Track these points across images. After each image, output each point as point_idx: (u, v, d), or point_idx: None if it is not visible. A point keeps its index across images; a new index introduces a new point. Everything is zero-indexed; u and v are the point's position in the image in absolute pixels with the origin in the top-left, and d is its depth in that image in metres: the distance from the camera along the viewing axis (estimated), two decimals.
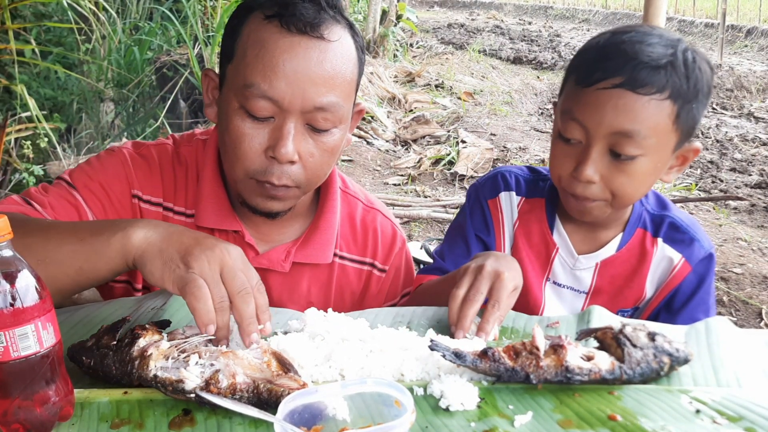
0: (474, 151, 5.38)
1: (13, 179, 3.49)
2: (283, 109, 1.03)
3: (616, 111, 1.06)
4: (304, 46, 1.02)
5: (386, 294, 1.34)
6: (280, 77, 1.01)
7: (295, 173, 1.07)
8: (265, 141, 1.05)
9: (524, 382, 0.83)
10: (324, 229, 1.24)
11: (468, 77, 8.80)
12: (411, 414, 0.71)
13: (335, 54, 1.04)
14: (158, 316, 0.99)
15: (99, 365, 0.83)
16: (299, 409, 0.74)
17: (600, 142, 1.09)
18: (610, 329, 0.88)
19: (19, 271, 0.72)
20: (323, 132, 1.07)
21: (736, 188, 4.93)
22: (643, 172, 1.11)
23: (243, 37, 1.05)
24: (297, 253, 1.22)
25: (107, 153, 1.19)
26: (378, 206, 1.35)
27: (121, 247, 0.88)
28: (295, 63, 1.01)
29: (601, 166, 1.11)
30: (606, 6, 17.63)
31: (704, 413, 0.78)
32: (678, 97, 1.07)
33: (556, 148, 1.17)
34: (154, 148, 1.21)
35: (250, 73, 1.02)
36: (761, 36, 11.80)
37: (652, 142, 1.08)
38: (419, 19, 13.00)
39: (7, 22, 3.17)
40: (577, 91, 1.12)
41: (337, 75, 1.04)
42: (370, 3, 9.02)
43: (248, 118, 1.04)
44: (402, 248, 1.34)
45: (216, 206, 1.18)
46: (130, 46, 4.79)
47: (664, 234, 1.26)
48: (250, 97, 1.02)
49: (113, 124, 4.56)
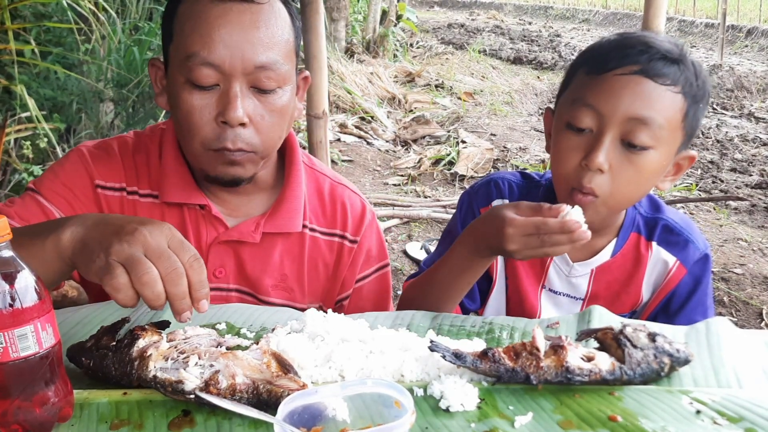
0: (474, 151, 5.37)
1: (12, 179, 3.49)
2: (225, 74, 1.07)
3: (633, 96, 1.05)
4: (236, 11, 1.07)
5: (360, 265, 1.34)
6: (218, 42, 1.06)
7: (248, 137, 1.10)
8: (214, 109, 1.09)
9: (524, 383, 0.83)
10: (290, 198, 1.26)
11: (468, 77, 8.79)
12: (411, 415, 0.71)
13: (267, 15, 1.10)
14: (158, 316, 0.99)
15: (98, 366, 0.83)
16: (299, 409, 0.74)
17: (614, 128, 1.06)
18: (610, 330, 0.88)
19: (18, 271, 0.72)
20: (269, 93, 1.11)
21: (736, 188, 4.93)
22: (649, 169, 1.09)
23: (179, 15, 1.11)
24: (266, 224, 1.25)
25: (66, 155, 1.25)
26: (345, 182, 1.38)
27: (54, 249, 0.87)
28: (229, 27, 1.07)
29: (613, 155, 1.07)
30: (606, 6, 17.63)
31: (705, 414, 0.78)
32: (689, 94, 1.08)
33: (563, 142, 1.13)
34: (114, 140, 1.27)
35: (190, 45, 1.07)
36: (761, 36, 11.79)
37: (665, 135, 1.07)
38: (419, 19, 13.00)
39: (7, 23, 3.17)
40: (590, 79, 1.11)
41: (272, 35, 1.10)
42: (370, 3, 9.02)
43: (195, 90, 1.08)
44: (372, 221, 1.36)
45: (180, 182, 1.21)
46: (130, 47, 4.79)
47: (658, 237, 1.25)
48: (193, 67, 1.07)
49: (113, 124, 4.56)
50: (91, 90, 4.38)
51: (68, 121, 4.22)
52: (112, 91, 4.55)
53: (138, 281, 0.80)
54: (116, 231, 0.83)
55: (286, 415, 0.73)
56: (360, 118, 6.29)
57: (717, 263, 3.69)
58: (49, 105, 4.13)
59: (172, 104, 1.14)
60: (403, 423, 0.69)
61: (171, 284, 0.81)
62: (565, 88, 1.20)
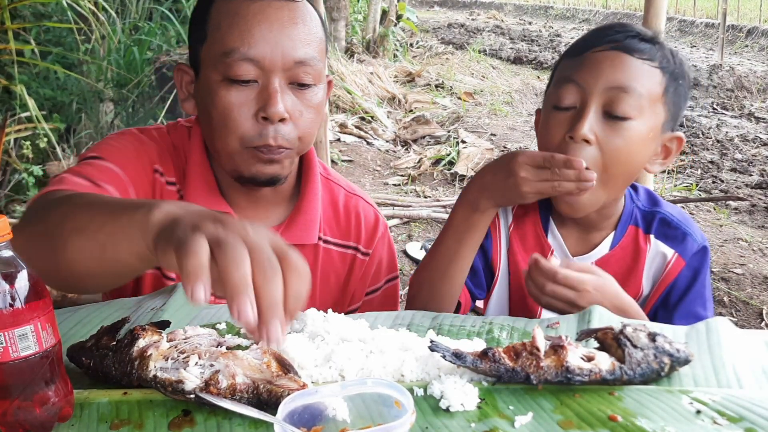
0: (474, 151, 5.38)
1: (12, 179, 3.49)
2: (265, 69, 1.08)
3: (613, 67, 1.11)
4: (274, 7, 1.09)
5: (370, 278, 1.35)
6: (258, 38, 1.07)
7: (288, 132, 1.10)
8: (253, 105, 1.08)
9: (524, 383, 0.83)
10: (307, 210, 1.26)
11: (468, 77, 8.79)
12: (411, 415, 0.71)
13: (303, 13, 1.12)
14: (158, 316, 0.99)
15: (98, 366, 0.83)
16: (299, 409, 0.74)
17: (596, 99, 1.11)
18: (610, 330, 0.88)
19: (18, 271, 0.72)
20: (306, 88, 1.12)
21: (736, 188, 4.93)
22: (636, 139, 1.12)
23: (213, 15, 1.11)
24: (282, 235, 1.23)
25: (118, 134, 1.20)
26: (360, 193, 1.37)
27: (141, 223, 0.74)
28: (269, 23, 1.07)
29: (597, 126, 1.11)
30: (606, 6, 17.63)
31: (705, 414, 0.78)
32: (666, 70, 1.14)
33: (548, 122, 1.18)
34: (155, 131, 1.24)
35: (229, 41, 1.07)
36: (762, 36, 11.79)
37: (645, 104, 1.11)
38: (419, 19, 13.00)
39: (7, 22, 3.18)
40: (569, 61, 1.18)
41: (309, 32, 1.11)
42: (370, 3, 9.02)
43: (233, 87, 1.08)
44: (384, 233, 1.36)
45: (205, 188, 1.20)
46: (130, 46, 4.79)
47: (656, 230, 1.27)
48: (232, 63, 1.06)
49: (113, 124, 4.56)
50: (91, 90, 4.39)
51: (68, 121, 4.22)
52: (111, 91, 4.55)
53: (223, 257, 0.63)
54: (215, 217, 0.70)
55: (286, 414, 0.73)
56: (360, 118, 6.29)
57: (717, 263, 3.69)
58: (49, 105, 4.13)
59: (207, 105, 1.12)
60: (403, 423, 0.69)
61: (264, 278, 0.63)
62: (549, 82, 1.25)
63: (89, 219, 0.84)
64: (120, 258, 0.79)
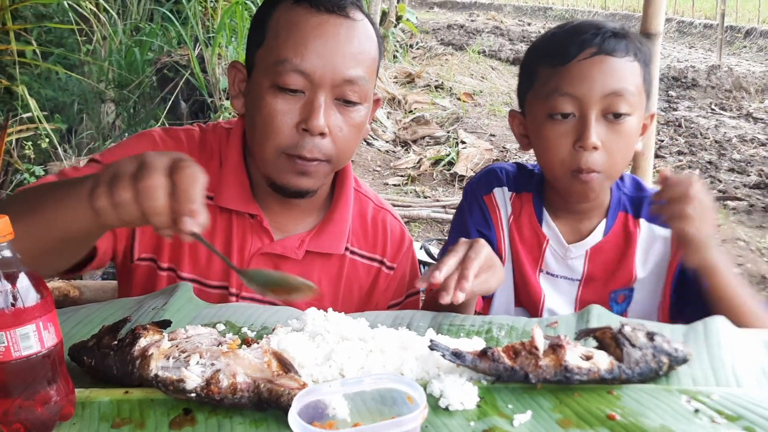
0: (474, 151, 5.38)
1: (14, 180, 3.49)
2: (314, 83, 1.09)
3: (603, 74, 1.15)
4: (332, 24, 1.10)
5: (393, 292, 1.36)
6: (311, 52, 1.08)
7: (325, 146, 1.11)
8: (296, 115, 1.10)
9: (523, 382, 0.83)
10: (338, 220, 1.27)
11: (467, 78, 8.80)
12: (424, 409, 0.71)
13: (360, 32, 1.12)
14: (159, 315, 1.00)
15: (100, 365, 0.83)
16: (302, 408, 0.74)
17: (595, 107, 1.15)
18: (609, 329, 0.88)
19: (20, 271, 0.72)
20: (351, 106, 1.13)
21: (734, 188, 4.93)
22: (631, 134, 1.19)
23: (273, 22, 1.12)
24: (310, 242, 1.24)
25: (137, 135, 1.23)
26: (387, 207, 1.39)
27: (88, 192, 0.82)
28: (324, 39, 1.09)
29: (601, 131, 1.16)
30: (605, 7, 17.65)
31: (703, 413, 0.78)
32: (641, 60, 1.19)
33: (549, 133, 1.20)
34: (182, 132, 1.25)
35: (283, 50, 1.09)
36: (760, 37, 11.80)
37: (636, 100, 1.17)
38: (419, 20, 13.00)
39: (8, 23, 3.18)
40: (556, 71, 1.19)
41: (363, 51, 1.12)
42: (370, 4, 9.02)
43: (279, 95, 1.10)
44: (409, 248, 1.38)
45: (237, 189, 1.21)
46: (131, 47, 4.79)
47: (645, 213, 1.29)
48: (283, 72, 1.08)
49: (114, 124, 4.57)
50: (93, 91, 4.39)
51: (69, 122, 4.23)
52: (113, 92, 4.56)
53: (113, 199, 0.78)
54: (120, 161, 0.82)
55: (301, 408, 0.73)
56: None
57: None
58: (51, 105, 4.14)
59: (253, 107, 1.13)
60: (415, 417, 0.70)
61: (145, 198, 0.78)
62: (529, 86, 1.26)
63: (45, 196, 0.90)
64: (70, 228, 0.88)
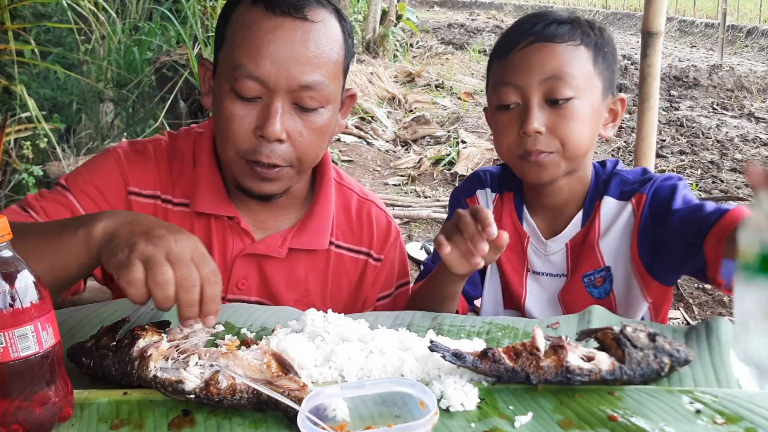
0: (474, 151, 5.38)
1: (12, 179, 3.49)
2: (269, 88, 1.06)
3: (540, 60, 1.16)
4: (287, 27, 1.06)
5: (382, 284, 1.35)
6: (265, 57, 1.05)
7: (284, 152, 1.09)
8: (254, 121, 1.08)
9: (524, 383, 0.83)
10: (319, 215, 1.25)
11: (468, 77, 8.79)
12: (434, 415, 0.71)
13: (319, 34, 1.08)
14: (158, 316, 0.99)
15: (99, 366, 0.83)
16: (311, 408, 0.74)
17: (536, 93, 1.16)
18: (610, 330, 0.88)
19: (18, 271, 0.72)
20: (310, 111, 1.10)
21: (736, 188, 4.93)
22: (581, 115, 1.17)
23: (232, 22, 1.10)
24: (293, 239, 1.23)
25: (102, 154, 1.22)
26: (372, 198, 1.37)
27: (84, 240, 0.88)
28: (279, 43, 1.06)
29: (543, 116, 1.16)
30: (606, 6, 17.64)
31: (705, 413, 0.78)
32: (589, 44, 1.19)
33: (497, 122, 1.22)
34: (150, 143, 1.24)
35: (238, 55, 1.07)
36: (762, 36, 11.79)
37: (581, 83, 1.16)
38: (419, 20, 13.00)
39: (7, 23, 3.18)
40: (500, 63, 1.22)
41: (321, 54, 1.08)
42: (370, 3, 9.02)
43: (237, 100, 1.08)
44: (396, 239, 1.36)
45: (212, 192, 1.20)
46: (130, 47, 4.79)
47: (612, 190, 1.24)
48: (238, 78, 1.06)
49: (113, 124, 4.56)
50: (91, 90, 4.39)
51: (68, 122, 4.23)
52: (112, 92, 4.55)
53: (153, 280, 0.80)
54: (145, 232, 0.85)
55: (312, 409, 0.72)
56: (360, 118, 6.29)
57: None
58: (49, 105, 4.13)
59: (216, 109, 1.13)
60: (425, 423, 0.70)
61: (184, 291, 0.82)
62: (487, 82, 1.29)
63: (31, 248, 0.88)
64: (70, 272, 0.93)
